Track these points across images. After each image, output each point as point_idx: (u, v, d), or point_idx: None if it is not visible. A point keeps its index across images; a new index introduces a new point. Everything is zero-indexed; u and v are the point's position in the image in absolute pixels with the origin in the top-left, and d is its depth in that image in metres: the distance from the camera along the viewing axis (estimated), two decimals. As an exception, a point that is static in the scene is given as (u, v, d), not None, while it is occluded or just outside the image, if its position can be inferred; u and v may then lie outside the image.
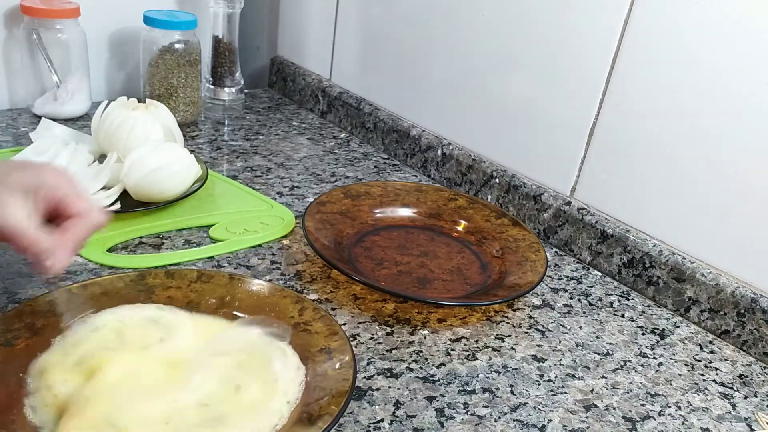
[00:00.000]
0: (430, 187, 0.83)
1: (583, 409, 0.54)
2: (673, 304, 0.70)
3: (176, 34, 0.93)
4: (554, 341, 0.62)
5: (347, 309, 0.62)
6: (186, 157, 0.73)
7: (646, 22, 0.68)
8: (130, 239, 0.67)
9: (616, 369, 0.60)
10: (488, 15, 0.82)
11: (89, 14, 0.92)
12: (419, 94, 0.94)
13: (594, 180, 0.76)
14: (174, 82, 0.94)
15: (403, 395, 0.52)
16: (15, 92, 0.95)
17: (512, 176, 0.83)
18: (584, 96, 0.74)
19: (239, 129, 1.00)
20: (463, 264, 0.71)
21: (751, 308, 0.64)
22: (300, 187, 0.84)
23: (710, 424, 0.55)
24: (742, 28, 0.61)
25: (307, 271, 0.67)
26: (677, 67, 0.66)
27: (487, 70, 0.84)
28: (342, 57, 1.06)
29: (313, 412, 0.45)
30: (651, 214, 0.71)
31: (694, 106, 0.66)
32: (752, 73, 0.61)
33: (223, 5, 0.97)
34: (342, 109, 1.06)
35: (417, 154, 0.94)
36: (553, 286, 0.71)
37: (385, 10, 0.96)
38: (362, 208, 0.76)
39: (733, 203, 0.65)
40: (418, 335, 0.60)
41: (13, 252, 0.61)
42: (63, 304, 0.52)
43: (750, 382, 0.61)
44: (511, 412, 0.52)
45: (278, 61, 1.18)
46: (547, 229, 0.80)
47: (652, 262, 0.71)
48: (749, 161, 0.63)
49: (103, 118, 0.76)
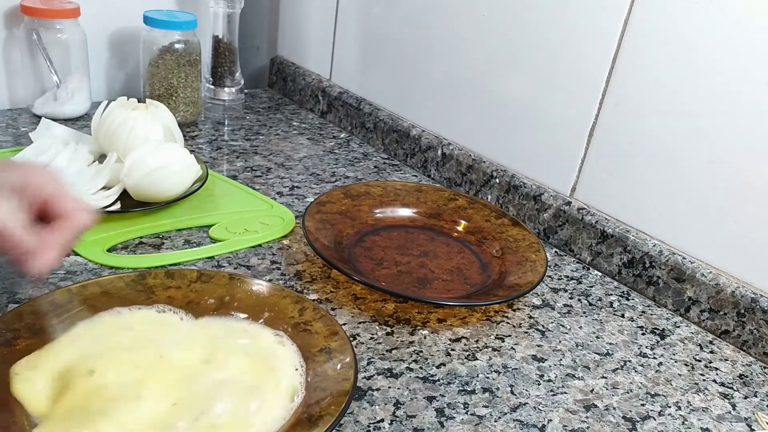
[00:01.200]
0: (430, 187, 0.83)
1: (583, 409, 0.54)
2: (673, 304, 0.70)
3: (176, 34, 0.93)
4: (554, 341, 0.62)
5: (347, 309, 0.62)
6: (186, 157, 0.73)
7: (646, 22, 0.68)
8: (130, 239, 0.67)
9: (616, 369, 0.60)
10: (488, 15, 0.82)
11: (89, 14, 0.92)
12: (419, 94, 0.94)
13: (594, 180, 0.76)
14: (174, 82, 0.94)
15: (403, 395, 0.52)
16: (15, 92, 0.95)
17: (512, 176, 0.83)
18: (584, 96, 0.74)
19: (239, 129, 1.00)
20: (463, 264, 0.71)
21: (751, 308, 0.64)
22: (300, 187, 0.84)
23: (710, 424, 0.55)
24: (742, 28, 0.61)
25: (307, 271, 0.67)
26: (677, 67, 0.66)
27: (487, 70, 0.84)
28: (342, 57, 1.06)
29: (313, 413, 0.45)
30: (651, 214, 0.72)
31: (694, 106, 0.66)
32: (752, 73, 0.61)
33: (223, 5, 0.97)
34: (342, 109, 1.06)
35: (417, 154, 0.94)
36: (553, 286, 0.71)
37: (385, 10, 0.96)
38: (362, 208, 0.76)
39: (733, 203, 0.65)
40: (418, 335, 0.60)
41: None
42: (63, 304, 0.52)
43: (750, 382, 0.61)
44: (511, 412, 0.52)
45: (278, 61, 1.18)
46: (547, 229, 0.80)
47: (652, 262, 0.71)
48: (749, 161, 0.63)
49: (103, 118, 0.76)
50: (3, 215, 0.46)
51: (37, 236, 0.47)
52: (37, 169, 0.50)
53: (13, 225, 0.46)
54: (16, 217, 0.46)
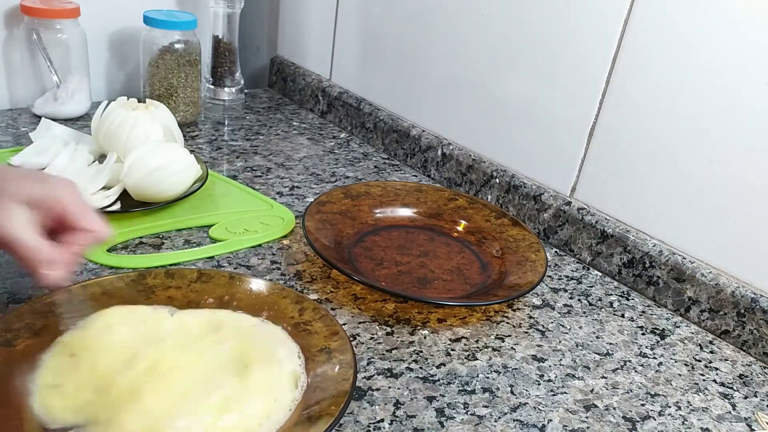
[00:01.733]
0: (430, 187, 0.83)
1: (583, 409, 0.54)
2: (673, 304, 0.70)
3: (176, 34, 0.93)
4: (554, 341, 0.62)
5: (347, 309, 0.62)
6: (186, 157, 0.73)
7: (646, 22, 0.68)
8: (130, 239, 0.67)
9: (616, 369, 0.60)
10: (488, 15, 0.82)
11: (89, 14, 0.92)
12: (419, 94, 0.94)
13: (594, 180, 0.76)
14: (174, 82, 0.94)
15: (403, 395, 0.52)
16: (15, 92, 0.94)
17: (512, 176, 0.83)
18: (584, 96, 0.74)
19: (239, 129, 1.00)
20: (463, 264, 0.71)
21: (751, 308, 0.64)
22: (300, 187, 0.84)
23: (710, 424, 0.55)
24: (742, 28, 0.61)
25: (307, 271, 0.67)
26: (677, 67, 0.66)
27: (487, 70, 0.84)
28: (342, 57, 1.06)
29: (313, 413, 0.45)
30: (651, 214, 0.72)
31: (694, 106, 0.66)
32: (752, 73, 0.61)
33: (223, 5, 0.97)
34: (342, 109, 1.06)
35: (417, 154, 0.94)
36: (553, 286, 0.71)
37: (385, 10, 0.96)
38: (362, 208, 0.76)
39: (733, 203, 0.65)
40: (418, 335, 0.60)
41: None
42: (63, 304, 0.52)
43: (750, 382, 0.61)
44: (511, 412, 0.52)
45: (278, 61, 1.18)
46: (547, 229, 0.80)
47: (652, 262, 0.71)
48: (749, 161, 0.63)
49: (103, 118, 0.76)
50: (18, 225, 0.47)
51: (51, 248, 0.48)
52: (58, 181, 0.51)
53: (29, 234, 0.47)
54: (30, 228, 0.47)
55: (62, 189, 0.50)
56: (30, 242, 0.47)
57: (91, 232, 0.50)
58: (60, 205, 0.49)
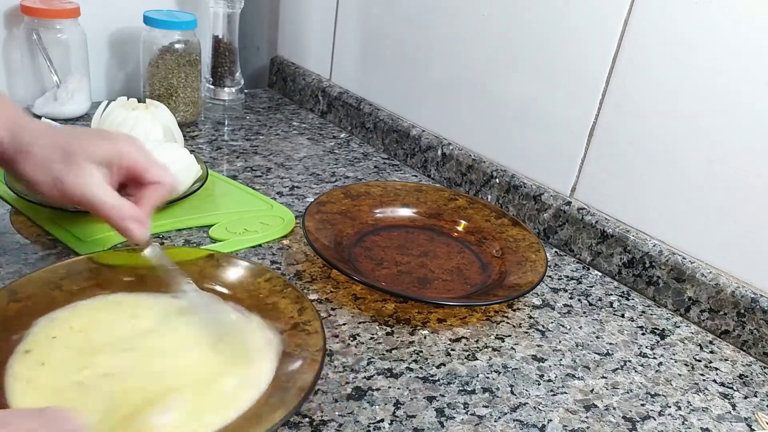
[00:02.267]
0: (430, 187, 0.83)
1: (583, 409, 0.54)
2: (673, 304, 0.70)
3: (176, 34, 0.93)
4: (554, 341, 0.62)
5: (347, 309, 0.62)
6: (186, 157, 0.73)
7: (646, 22, 0.68)
8: (130, 239, 0.67)
9: (616, 369, 0.60)
10: (488, 15, 0.82)
11: (89, 14, 0.92)
12: (419, 94, 0.94)
13: (594, 180, 0.76)
14: (174, 82, 0.94)
15: (403, 395, 0.52)
16: (15, 92, 0.94)
17: (512, 176, 0.83)
18: (584, 96, 0.74)
19: (239, 129, 1.00)
20: (463, 264, 0.71)
21: (751, 308, 0.64)
22: (300, 187, 0.84)
23: (710, 424, 0.55)
24: (742, 28, 0.61)
25: (307, 271, 0.67)
26: (677, 67, 0.66)
27: (487, 70, 0.84)
28: (342, 57, 1.06)
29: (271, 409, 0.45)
30: (651, 214, 0.72)
31: (694, 106, 0.66)
32: (752, 73, 0.61)
33: (223, 5, 0.97)
34: (342, 109, 1.06)
35: (417, 154, 0.94)
36: (553, 286, 0.71)
37: (385, 10, 0.96)
38: (362, 208, 0.76)
39: (733, 203, 0.65)
40: (418, 335, 0.60)
41: (13, 252, 0.61)
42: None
43: (750, 382, 0.61)
44: (511, 412, 0.52)
45: (278, 61, 1.18)
46: (547, 229, 0.80)
47: (652, 262, 0.71)
48: (749, 161, 0.63)
49: (103, 118, 0.76)
50: (97, 186, 0.49)
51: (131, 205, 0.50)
52: (124, 138, 0.53)
53: (106, 195, 0.49)
54: (108, 187, 0.49)
55: (129, 145, 0.52)
56: (111, 201, 0.49)
57: (160, 184, 0.52)
58: (128, 161, 0.51)
